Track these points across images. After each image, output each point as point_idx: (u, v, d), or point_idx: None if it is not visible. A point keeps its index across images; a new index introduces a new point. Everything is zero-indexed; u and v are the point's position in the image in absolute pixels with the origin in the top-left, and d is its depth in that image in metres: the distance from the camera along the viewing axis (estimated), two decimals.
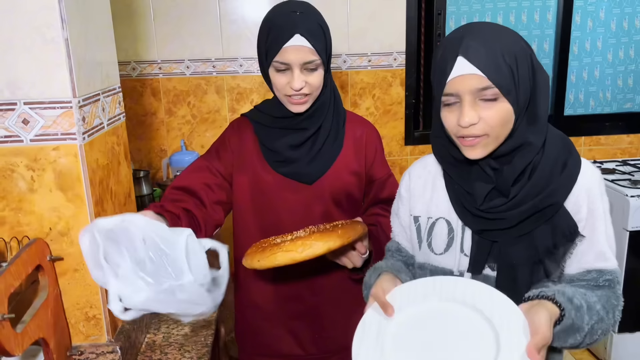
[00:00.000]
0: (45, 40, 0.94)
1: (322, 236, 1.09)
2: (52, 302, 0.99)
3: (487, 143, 0.93)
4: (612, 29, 2.82)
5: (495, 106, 0.90)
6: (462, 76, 0.90)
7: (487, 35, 0.91)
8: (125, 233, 0.89)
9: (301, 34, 1.19)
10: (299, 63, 1.20)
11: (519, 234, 0.97)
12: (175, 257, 0.92)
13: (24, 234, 1.00)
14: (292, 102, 1.24)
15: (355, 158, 1.34)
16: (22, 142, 0.98)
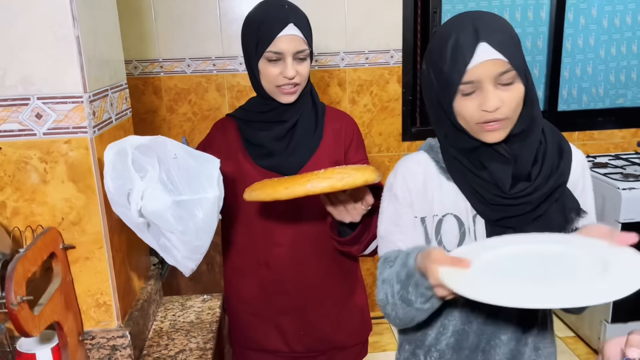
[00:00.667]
0: (57, 37, 0.98)
1: (357, 168, 1.05)
2: (65, 288, 1.03)
3: (507, 125, 0.94)
4: (604, 26, 2.87)
5: (512, 89, 0.92)
6: (483, 62, 0.90)
7: (496, 19, 0.94)
8: (161, 146, 1.01)
9: (295, 24, 1.25)
10: (292, 52, 1.25)
11: (535, 216, 0.98)
12: (201, 176, 1.00)
13: (37, 223, 1.05)
14: (283, 92, 1.28)
15: (335, 149, 1.37)
16: (35, 135, 1.02)
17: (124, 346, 1.11)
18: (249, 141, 1.35)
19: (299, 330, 1.40)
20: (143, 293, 1.28)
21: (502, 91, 0.92)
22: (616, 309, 2.43)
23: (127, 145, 0.98)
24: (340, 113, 1.44)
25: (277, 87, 1.28)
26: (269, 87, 1.29)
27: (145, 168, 0.98)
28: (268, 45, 1.25)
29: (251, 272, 1.39)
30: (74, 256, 1.08)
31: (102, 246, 1.08)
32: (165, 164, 1.00)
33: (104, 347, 1.11)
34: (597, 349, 2.59)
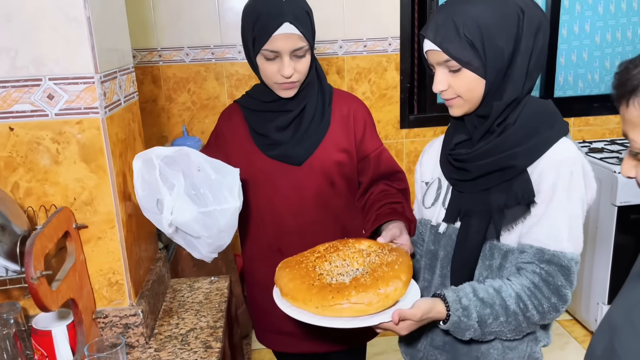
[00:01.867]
0: (68, 18, 0.99)
1: (385, 280, 0.99)
2: (78, 267, 1.05)
3: (461, 104, 1.05)
4: (599, 12, 2.90)
5: (460, 75, 1.02)
6: (429, 51, 1.03)
7: (455, 9, 1.00)
8: (184, 159, 1.08)
9: (290, 22, 1.20)
10: (289, 50, 1.22)
11: (480, 188, 1.06)
12: (223, 187, 1.10)
13: (50, 203, 1.06)
14: (282, 87, 1.28)
15: (344, 135, 1.35)
16: (47, 116, 1.03)
17: (137, 324, 1.13)
18: (255, 131, 1.35)
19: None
20: (152, 273, 1.29)
21: (451, 76, 1.02)
22: (612, 291, 2.47)
23: (154, 156, 1.04)
24: (347, 96, 1.41)
25: (275, 84, 1.27)
26: (268, 82, 1.29)
27: (172, 182, 1.06)
28: (264, 44, 1.22)
29: (265, 259, 1.39)
30: (86, 236, 1.09)
31: (114, 226, 1.10)
32: (189, 177, 1.09)
33: (117, 325, 1.13)
34: (593, 331, 2.63)
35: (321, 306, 0.98)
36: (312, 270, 1.07)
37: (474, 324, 1.01)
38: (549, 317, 1.03)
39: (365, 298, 0.96)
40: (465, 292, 1.02)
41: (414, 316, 0.98)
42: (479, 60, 0.99)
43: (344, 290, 0.98)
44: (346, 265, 1.09)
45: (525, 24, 0.99)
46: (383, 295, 0.98)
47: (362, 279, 1.00)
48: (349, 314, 0.97)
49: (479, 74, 1.00)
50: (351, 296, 0.97)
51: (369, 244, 1.15)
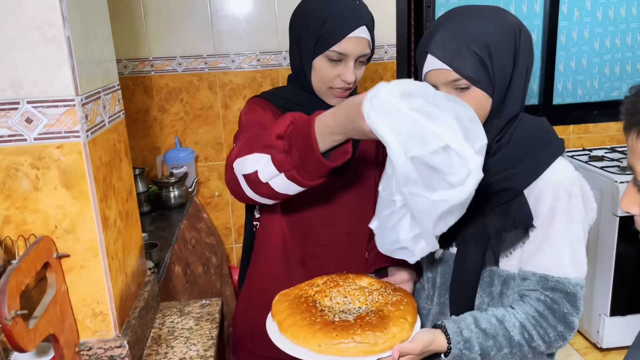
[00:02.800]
0: (47, 39, 0.94)
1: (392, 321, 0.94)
2: (60, 298, 1.00)
3: None
4: (598, 18, 2.86)
5: (469, 94, 0.95)
6: (433, 71, 0.96)
7: (459, 25, 0.95)
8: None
9: (366, 26, 1.17)
10: (357, 55, 1.17)
11: (476, 212, 1.00)
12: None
13: (30, 232, 1.01)
14: (335, 94, 1.21)
15: (375, 142, 1.25)
16: (25, 141, 0.98)
17: (122, 356, 1.08)
18: None
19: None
20: (140, 300, 1.24)
21: (458, 95, 0.96)
22: (615, 302, 2.43)
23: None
24: None
25: (329, 89, 1.21)
26: (320, 86, 1.21)
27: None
28: (333, 44, 1.15)
29: (282, 270, 1.31)
30: (69, 265, 1.04)
31: (98, 254, 1.05)
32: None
33: (102, 357, 1.08)
34: (596, 343, 2.59)
35: (324, 344, 0.91)
36: (313, 306, 1.01)
37: (477, 357, 0.96)
38: (555, 345, 0.99)
39: (372, 338, 0.91)
40: (466, 323, 0.98)
41: (414, 350, 0.94)
42: (487, 79, 0.95)
43: (348, 328, 0.92)
44: (348, 302, 1.03)
45: (522, 41, 0.96)
46: (390, 335, 0.92)
47: (368, 318, 0.95)
48: (353, 354, 0.91)
49: (488, 93, 0.96)
50: (356, 335, 0.91)
51: (370, 281, 1.10)
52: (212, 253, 2.36)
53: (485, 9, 0.98)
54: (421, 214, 0.81)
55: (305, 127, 0.91)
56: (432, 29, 0.99)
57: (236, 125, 2.82)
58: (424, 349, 0.95)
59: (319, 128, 0.90)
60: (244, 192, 1.05)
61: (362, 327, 0.93)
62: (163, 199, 2.36)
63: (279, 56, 2.58)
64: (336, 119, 0.88)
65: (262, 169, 0.98)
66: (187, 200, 2.40)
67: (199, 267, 2.18)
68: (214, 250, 2.40)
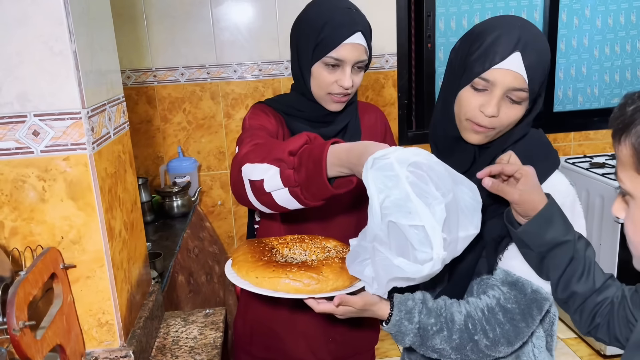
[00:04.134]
0: (53, 53, 0.96)
1: (331, 269, 0.98)
2: (66, 309, 1.01)
3: (490, 135, 0.98)
4: (597, 26, 2.88)
5: (516, 108, 0.95)
6: (508, 70, 0.92)
7: (541, 41, 0.96)
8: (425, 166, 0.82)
9: (362, 33, 1.20)
10: (353, 61, 1.20)
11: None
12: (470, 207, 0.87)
13: (36, 243, 1.02)
14: (334, 99, 1.24)
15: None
16: (32, 153, 1.00)
17: None
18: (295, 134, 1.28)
19: (327, 337, 1.36)
20: (145, 310, 1.25)
21: (505, 105, 0.95)
22: None
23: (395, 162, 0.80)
24: (369, 106, 1.42)
25: (328, 95, 1.24)
26: (319, 92, 1.24)
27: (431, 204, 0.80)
28: (330, 51, 1.19)
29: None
30: (75, 275, 1.05)
31: (104, 264, 1.06)
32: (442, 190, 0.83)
33: None
34: (599, 350, 2.58)
35: (261, 277, 0.98)
36: (269, 251, 1.07)
37: (414, 329, 0.97)
38: (499, 348, 0.98)
39: (305, 278, 0.96)
40: (415, 296, 1.00)
41: (355, 303, 0.96)
42: (535, 100, 0.97)
43: (286, 267, 0.98)
44: (304, 254, 1.07)
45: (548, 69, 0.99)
46: (323, 279, 0.96)
47: (309, 263, 1.00)
48: (285, 289, 0.96)
49: (526, 113, 0.97)
50: (292, 273, 0.96)
51: (336, 244, 1.12)
52: (215, 262, 2.37)
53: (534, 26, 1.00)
54: (379, 268, 0.87)
55: (318, 150, 0.93)
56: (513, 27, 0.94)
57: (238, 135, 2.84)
58: (365, 306, 0.96)
59: (331, 157, 0.92)
60: (247, 196, 1.07)
61: (299, 267, 0.97)
62: (166, 208, 2.37)
63: (280, 66, 2.60)
64: (349, 156, 0.90)
65: (269, 179, 0.99)
66: (190, 210, 2.42)
67: (202, 276, 2.19)
68: (217, 259, 2.41)
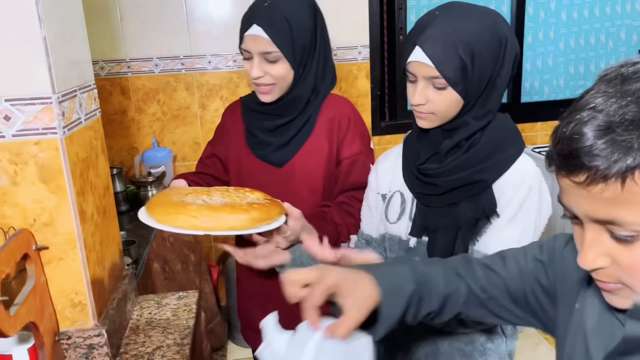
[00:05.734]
0: (24, 39, 0.98)
1: (233, 210, 1.02)
2: (39, 289, 1.03)
3: (433, 119, 1.05)
4: (562, 19, 2.97)
5: (444, 93, 1.00)
6: (416, 62, 1.00)
7: (453, 24, 0.97)
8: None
9: (258, 24, 1.24)
10: (257, 51, 1.26)
11: (447, 202, 1.06)
12: None
13: (9, 225, 1.04)
14: (258, 90, 1.32)
15: (327, 140, 1.33)
16: (4, 137, 1.02)
17: (101, 345, 1.12)
18: (247, 129, 1.40)
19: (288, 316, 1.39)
20: (118, 292, 1.28)
21: (433, 92, 1.01)
22: None
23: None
24: (338, 101, 1.40)
25: (254, 84, 1.31)
26: (250, 82, 1.33)
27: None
28: (241, 43, 1.29)
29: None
30: (48, 257, 1.08)
31: (76, 246, 1.08)
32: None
33: (81, 346, 1.12)
34: None
35: (163, 214, 1.03)
36: (185, 195, 1.10)
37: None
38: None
39: (204, 216, 1.00)
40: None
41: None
42: (464, 83, 0.99)
43: (189, 205, 1.02)
44: (220, 201, 1.09)
45: (507, 51, 1.00)
46: (221, 218, 1.00)
47: (216, 205, 1.03)
48: (181, 225, 1.00)
49: (461, 96, 1.00)
50: (191, 210, 1.01)
51: (261, 195, 1.15)
52: (190, 251, 2.40)
53: (482, 11, 1.00)
54: None
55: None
56: (426, 19, 1.01)
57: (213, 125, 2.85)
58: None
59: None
60: None
61: (200, 208, 1.01)
62: (141, 198, 2.39)
63: None
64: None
65: None
66: None
67: (178, 264, 2.22)
68: (192, 248, 2.43)
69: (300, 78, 1.31)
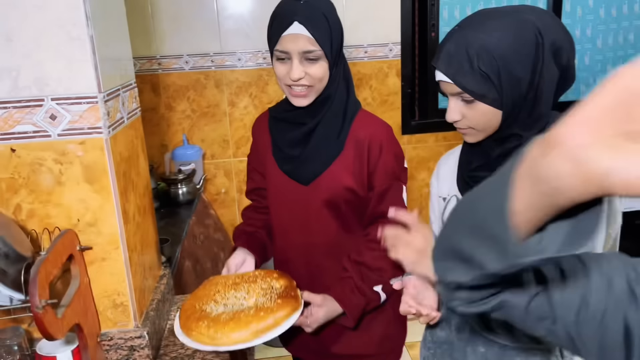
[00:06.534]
0: (71, 37, 0.97)
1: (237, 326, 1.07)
2: (83, 290, 1.03)
3: (475, 133, 1.00)
4: (600, 16, 2.88)
5: (475, 107, 0.95)
6: (442, 82, 0.98)
7: (467, 36, 0.92)
8: None
9: (299, 22, 1.17)
10: (298, 51, 1.18)
11: None
12: None
13: (53, 225, 1.04)
14: (293, 93, 1.23)
15: (356, 163, 1.25)
16: (49, 137, 1.01)
17: (142, 346, 1.11)
18: (274, 141, 1.33)
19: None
20: (157, 292, 1.27)
21: (465, 107, 0.97)
22: None
23: None
24: (371, 120, 1.30)
25: (287, 87, 1.24)
26: (282, 86, 1.25)
27: None
28: (276, 44, 1.21)
29: (277, 265, 1.43)
30: (91, 257, 1.07)
31: (118, 247, 1.08)
32: None
33: (122, 347, 1.11)
34: None
35: (185, 327, 1.11)
36: (211, 297, 1.17)
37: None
38: None
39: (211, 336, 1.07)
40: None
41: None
42: (495, 93, 0.93)
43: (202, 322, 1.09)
44: (236, 302, 1.15)
45: (546, 47, 0.91)
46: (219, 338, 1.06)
47: (224, 319, 1.08)
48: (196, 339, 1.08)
49: (495, 106, 0.94)
50: (202, 328, 1.08)
51: (284, 283, 1.19)
52: (220, 249, 2.39)
53: (501, 15, 0.93)
54: None
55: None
56: (446, 37, 0.98)
57: (242, 123, 2.82)
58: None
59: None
60: None
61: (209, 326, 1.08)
62: (171, 195, 2.38)
63: None
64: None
65: None
66: (195, 197, 2.43)
67: (208, 262, 2.21)
68: (222, 246, 2.43)
69: (331, 79, 1.24)
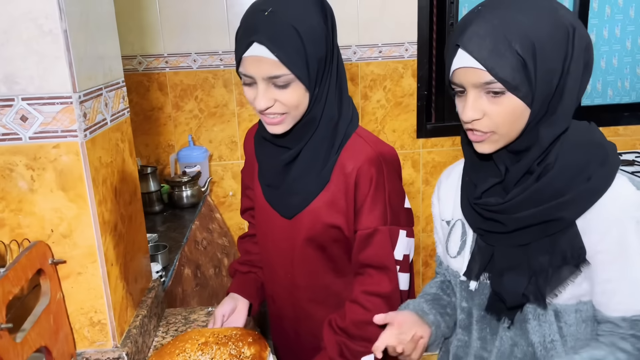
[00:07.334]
0: (42, 32, 0.88)
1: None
2: (54, 307, 0.94)
3: (496, 140, 0.84)
4: (630, 16, 2.73)
5: (503, 101, 0.80)
6: (463, 69, 0.81)
7: (501, 16, 0.79)
8: None
9: (260, 42, 0.94)
10: (262, 76, 0.97)
11: (516, 243, 0.86)
12: None
13: (24, 236, 0.96)
14: (266, 121, 1.03)
15: (342, 199, 1.06)
16: (20, 140, 0.93)
17: None
18: (259, 163, 1.17)
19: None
20: (143, 307, 1.19)
21: (489, 102, 0.81)
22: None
23: None
24: (360, 150, 1.06)
25: (260, 113, 1.03)
26: (256, 112, 1.04)
27: None
28: (239, 66, 1.01)
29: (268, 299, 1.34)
30: (65, 271, 0.99)
31: (96, 260, 0.99)
32: None
33: None
34: None
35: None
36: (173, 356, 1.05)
37: None
38: None
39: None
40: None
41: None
42: (528, 85, 0.79)
43: None
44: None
45: (576, 43, 0.80)
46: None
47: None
48: None
49: (526, 102, 0.80)
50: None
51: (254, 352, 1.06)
52: (224, 254, 2.31)
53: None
54: None
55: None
56: (468, 18, 0.82)
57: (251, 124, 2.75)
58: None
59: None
60: None
61: None
62: (175, 198, 2.31)
63: None
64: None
65: None
66: (199, 200, 2.35)
67: (210, 269, 2.13)
68: (226, 251, 2.34)
69: (314, 99, 1.03)
